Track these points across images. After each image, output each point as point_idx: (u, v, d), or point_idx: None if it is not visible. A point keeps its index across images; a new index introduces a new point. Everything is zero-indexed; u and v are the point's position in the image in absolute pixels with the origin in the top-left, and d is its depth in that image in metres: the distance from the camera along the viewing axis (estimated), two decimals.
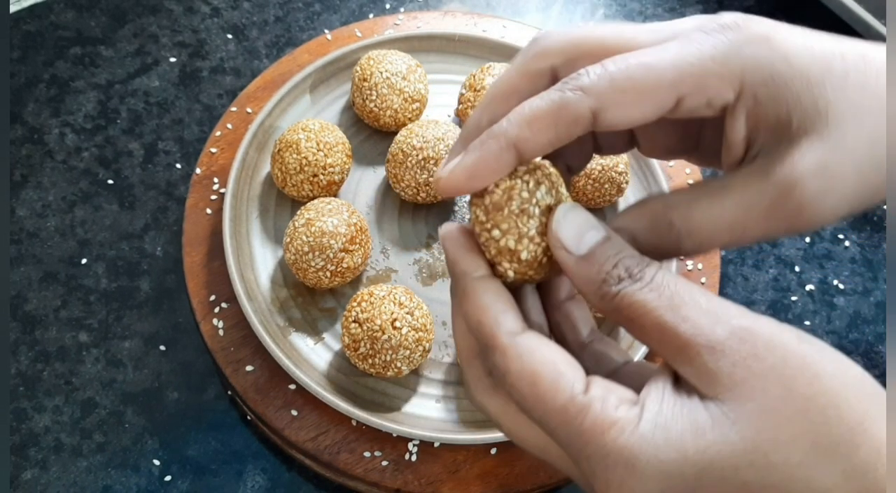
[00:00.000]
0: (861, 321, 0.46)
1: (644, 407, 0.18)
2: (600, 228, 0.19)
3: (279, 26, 0.55)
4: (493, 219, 0.20)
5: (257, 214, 0.44)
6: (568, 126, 0.19)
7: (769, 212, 0.19)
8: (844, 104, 0.19)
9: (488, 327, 0.19)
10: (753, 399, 0.17)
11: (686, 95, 0.19)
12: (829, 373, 0.17)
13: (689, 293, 0.18)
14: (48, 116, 0.49)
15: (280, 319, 0.41)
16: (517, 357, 0.19)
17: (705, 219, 0.19)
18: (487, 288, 0.20)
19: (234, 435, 0.40)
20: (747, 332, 0.17)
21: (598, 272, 0.19)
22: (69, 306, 0.43)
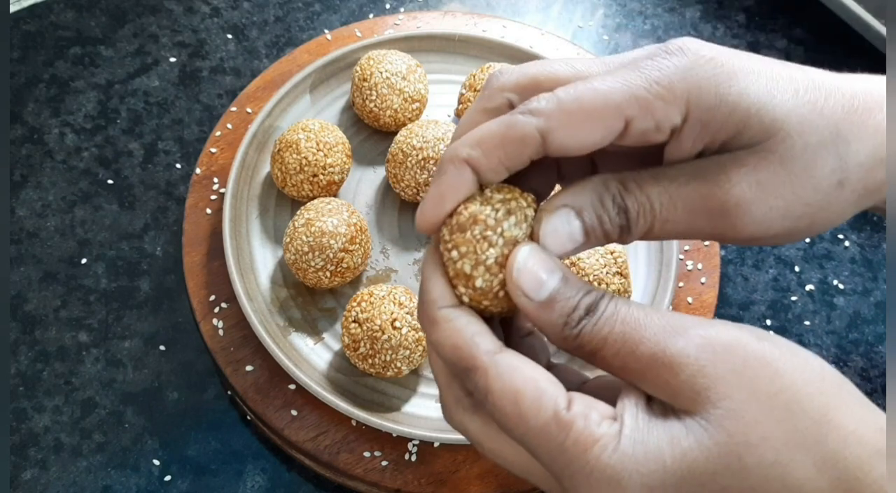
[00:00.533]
0: (861, 321, 0.46)
1: (623, 422, 0.18)
2: (558, 271, 0.19)
3: (279, 26, 0.55)
4: (453, 239, 0.20)
5: (257, 214, 0.44)
6: (516, 146, 0.20)
7: (694, 207, 0.20)
8: (792, 122, 0.20)
9: (466, 349, 0.19)
10: (720, 405, 0.17)
11: (633, 118, 0.19)
12: (789, 369, 0.18)
13: (644, 316, 0.18)
14: (48, 116, 0.49)
15: (280, 319, 0.41)
16: (498, 376, 0.19)
17: (639, 200, 0.20)
18: (459, 314, 0.20)
19: (233, 435, 0.40)
20: (703, 339, 0.18)
21: (559, 316, 0.19)
22: (69, 306, 0.43)
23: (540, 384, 0.18)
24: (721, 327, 0.18)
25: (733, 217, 0.20)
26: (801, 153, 0.20)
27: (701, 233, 0.20)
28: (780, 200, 0.20)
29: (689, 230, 0.20)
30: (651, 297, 0.43)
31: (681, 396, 0.18)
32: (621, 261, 0.40)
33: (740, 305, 0.46)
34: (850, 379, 0.46)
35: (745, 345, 0.18)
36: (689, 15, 0.58)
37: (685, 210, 0.20)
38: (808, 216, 0.20)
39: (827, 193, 0.20)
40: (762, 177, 0.20)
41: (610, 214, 0.20)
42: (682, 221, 0.20)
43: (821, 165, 0.20)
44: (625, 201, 0.20)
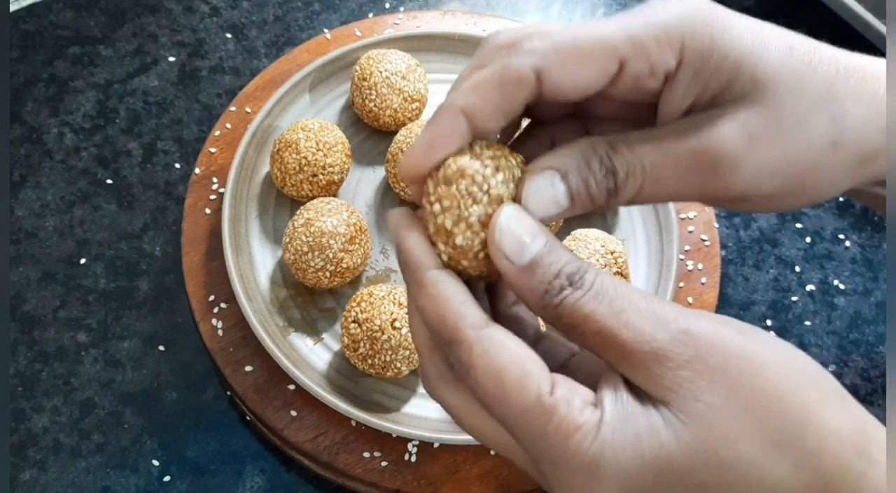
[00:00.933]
0: (861, 321, 0.46)
1: (603, 410, 0.18)
2: (542, 235, 0.19)
3: (278, 26, 0.54)
4: (437, 192, 0.19)
5: (256, 213, 0.44)
6: (512, 89, 0.19)
7: (684, 164, 0.19)
8: (783, 78, 0.19)
9: (451, 320, 0.19)
10: (701, 399, 0.17)
11: (628, 59, 0.19)
12: (772, 365, 0.18)
13: (628, 298, 0.18)
14: (47, 116, 0.49)
15: (279, 319, 0.41)
16: (483, 353, 0.18)
17: (627, 160, 0.19)
18: (446, 279, 0.19)
19: (233, 436, 0.40)
20: (688, 335, 0.18)
21: (539, 283, 0.18)
22: (68, 307, 0.43)
23: (525, 365, 0.18)
24: (705, 320, 0.18)
25: (725, 172, 0.19)
26: (793, 108, 0.19)
27: (691, 192, 0.20)
28: (771, 153, 0.19)
29: (680, 190, 0.20)
30: None
31: (661, 386, 0.18)
32: (622, 261, 0.40)
33: (741, 305, 0.46)
34: (851, 379, 0.46)
35: (728, 340, 0.18)
36: None
37: (676, 168, 0.19)
38: (801, 175, 0.20)
39: (820, 153, 0.20)
40: (753, 130, 0.19)
41: (597, 177, 0.19)
42: (673, 180, 0.20)
43: (814, 122, 0.20)
44: (613, 162, 0.19)
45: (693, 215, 0.46)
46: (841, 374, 0.44)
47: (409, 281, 0.20)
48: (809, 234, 0.49)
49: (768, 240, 0.49)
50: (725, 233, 0.48)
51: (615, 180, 0.19)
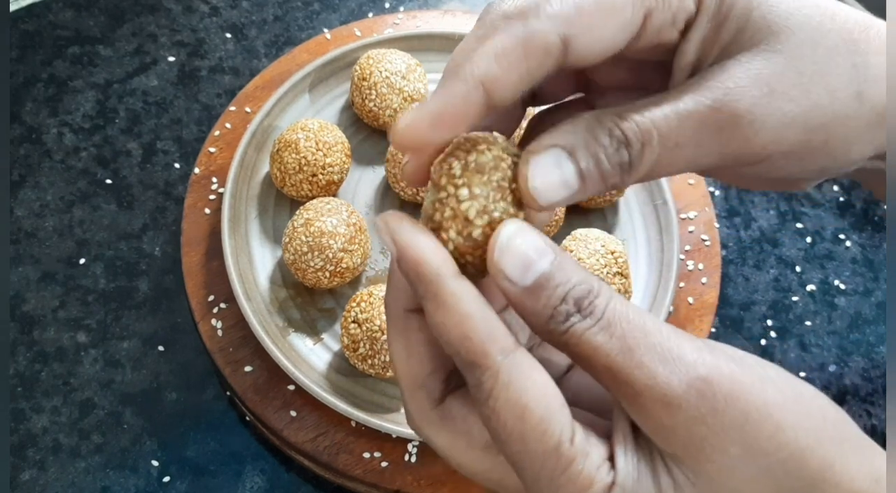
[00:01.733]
0: (862, 322, 0.46)
1: (616, 471, 0.17)
2: (549, 252, 0.17)
3: (278, 25, 0.54)
4: (467, 177, 0.17)
5: (256, 213, 0.44)
6: (539, 58, 0.17)
7: (702, 122, 0.18)
8: (799, 23, 0.18)
9: (478, 342, 0.17)
10: (714, 459, 0.16)
11: (652, 10, 0.18)
12: (791, 421, 0.16)
13: (642, 331, 0.16)
14: (46, 116, 0.49)
15: (279, 319, 0.41)
16: (508, 384, 0.16)
17: (640, 127, 0.18)
18: (469, 291, 0.17)
19: (232, 436, 0.40)
20: (706, 384, 0.16)
21: (544, 307, 0.17)
22: (67, 307, 0.43)
23: (550, 405, 0.17)
24: (724, 365, 0.17)
25: (745, 127, 0.18)
26: (812, 55, 0.18)
27: (710, 155, 0.18)
28: (792, 104, 0.18)
29: (699, 155, 0.18)
30: (652, 297, 0.42)
31: (673, 439, 0.16)
32: (622, 261, 0.40)
33: (741, 305, 0.46)
34: (851, 380, 0.46)
35: (748, 392, 0.16)
36: None
37: (694, 129, 0.18)
38: (824, 129, 0.18)
39: (844, 104, 0.18)
40: (771, 78, 0.18)
41: (608, 151, 0.17)
42: (692, 143, 0.18)
43: (836, 70, 0.18)
44: (624, 132, 0.17)
45: (693, 215, 0.46)
46: (841, 374, 0.44)
47: (424, 294, 0.17)
48: (810, 234, 0.49)
49: (769, 240, 0.49)
50: (726, 233, 0.48)
51: (629, 153, 0.18)
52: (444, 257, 0.17)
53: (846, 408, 0.43)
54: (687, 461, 0.16)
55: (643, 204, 0.46)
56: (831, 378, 0.44)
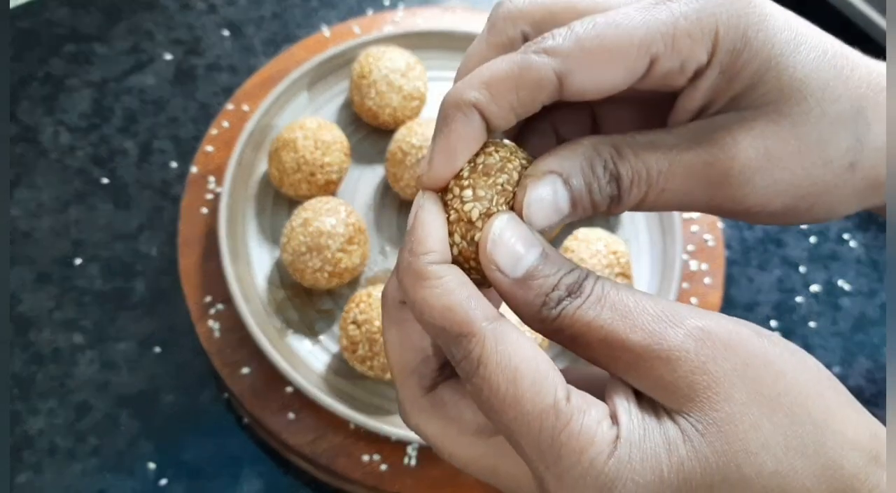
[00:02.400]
0: (866, 323, 0.45)
1: (620, 425, 0.17)
2: (538, 245, 0.17)
3: (276, 23, 0.54)
4: (474, 179, 0.18)
5: (254, 213, 0.44)
6: (531, 90, 0.18)
7: (694, 173, 0.18)
8: (813, 85, 0.18)
9: (461, 312, 0.17)
10: (719, 408, 0.16)
11: (659, 57, 0.18)
12: (791, 370, 0.17)
13: (634, 299, 0.17)
14: (42, 115, 0.49)
15: (277, 320, 0.40)
16: (497, 348, 0.17)
17: (633, 167, 0.18)
18: (453, 271, 0.18)
19: (230, 438, 0.39)
20: (703, 332, 0.16)
21: (536, 295, 0.17)
22: (63, 308, 0.43)
23: (541, 366, 0.17)
24: (720, 319, 0.17)
25: (735, 187, 0.18)
26: (816, 124, 0.18)
27: (695, 204, 0.19)
28: (786, 172, 0.18)
29: (684, 201, 0.19)
30: None
31: (677, 394, 0.16)
32: (624, 261, 0.40)
33: (745, 306, 0.45)
34: (856, 381, 0.45)
35: (746, 341, 0.16)
36: None
37: (684, 178, 0.18)
38: (812, 197, 0.19)
39: (836, 175, 0.19)
40: (771, 144, 0.18)
41: (600, 183, 0.18)
42: (680, 189, 0.18)
43: (837, 142, 0.18)
44: (618, 168, 0.18)
45: (697, 215, 0.46)
46: (846, 376, 0.43)
47: (405, 272, 0.18)
48: (814, 234, 0.48)
49: (773, 240, 0.48)
50: (729, 233, 0.48)
51: (619, 187, 0.18)
52: (437, 242, 0.18)
53: None
54: (693, 412, 0.16)
55: None
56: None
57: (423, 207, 0.18)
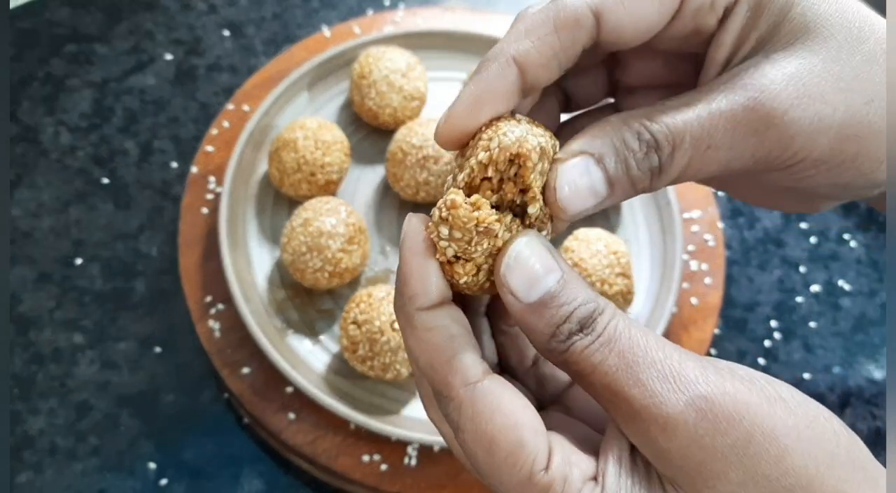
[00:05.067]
0: (867, 323, 0.45)
1: (604, 486, 0.16)
2: (556, 270, 0.17)
3: (276, 23, 0.54)
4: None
5: (254, 213, 0.44)
6: (570, 30, 0.17)
7: (736, 123, 0.17)
8: (838, 26, 0.18)
9: (441, 372, 0.17)
10: (711, 485, 0.15)
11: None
12: (801, 445, 0.15)
13: (644, 349, 0.16)
14: (42, 115, 0.49)
15: (277, 320, 0.40)
16: (473, 416, 0.16)
17: (671, 129, 0.17)
18: (440, 320, 0.17)
19: (230, 438, 0.39)
20: (707, 403, 0.15)
21: (547, 325, 0.16)
22: (63, 307, 0.43)
23: (519, 434, 0.16)
24: (729, 383, 0.16)
25: (780, 128, 0.17)
26: (849, 59, 0.18)
27: (744, 158, 0.17)
28: (828, 108, 0.17)
29: (731, 157, 0.17)
30: (655, 298, 0.42)
31: (671, 462, 0.16)
32: (624, 261, 0.40)
33: (745, 306, 0.45)
34: (856, 381, 0.45)
35: (754, 413, 0.15)
36: None
37: (727, 129, 0.17)
38: (858, 140, 0.18)
39: (879, 116, 0.18)
40: (808, 80, 0.17)
41: (637, 156, 0.17)
42: (725, 143, 0.17)
43: (873, 78, 0.18)
44: (654, 135, 0.17)
45: (697, 215, 0.46)
46: (846, 376, 0.43)
47: (399, 315, 0.18)
48: (814, 234, 0.48)
49: (773, 240, 0.48)
50: (730, 233, 0.48)
51: (659, 156, 0.17)
52: (423, 286, 0.17)
53: (850, 410, 0.42)
54: (685, 485, 0.16)
55: (646, 204, 0.45)
56: (835, 380, 0.43)
57: (407, 245, 0.17)
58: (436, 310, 0.17)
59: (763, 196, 0.22)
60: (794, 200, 0.21)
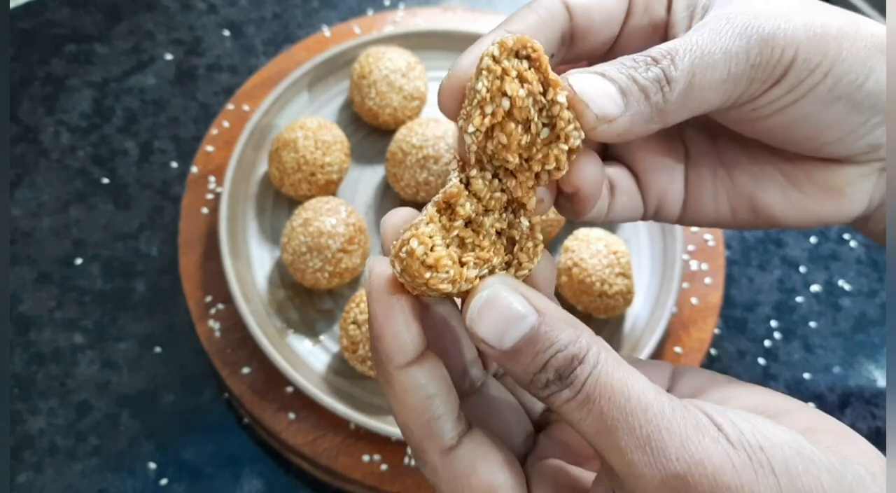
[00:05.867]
0: (867, 323, 0.45)
1: None
2: (529, 315, 0.16)
3: (276, 23, 0.54)
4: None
5: (254, 213, 0.44)
6: (548, 21, 0.19)
7: (720, 30, 0.18)
8: None
9: (417, 436, 0.17)
10: None
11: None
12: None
13: (624, 412, 0.15)
14: (43, 115, 0.49)
15: (277, 320, 0.40)
16: (449, 481, 0.16)
17: (663, 48, 0.18)
18: (417, 381, 0.16)
19: (230, 438, 0.39)
20: (681, 482, 0.14)
21: (524, 372, 0.16)
22: (64, 307, 0.43)
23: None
24: (714, 458, 0.15)
25: (763, 30, 0.18)
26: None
27: (740, 63, 0.18)
28: (803, 15, 0.19)
29: (731, 63, 0.18)
30: (655, 298, 0.42)
31: None
32: (624, 261, 0.40)
33: (745, 306, 0.45)
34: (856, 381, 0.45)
35: (729, 485, 0.15)
36: None
37: (714, 34, 0.18)
38: (837, 42, 0.19)
39: (845, 27, 0.19)
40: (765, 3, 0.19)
41: (638, 69, 0.18)
42: (718, 47, 0.18)
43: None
44: (648, 53, 0.18)
45: None
46: (846, 376, 0.43)
47: (377, 369, 0.17)
48: (814, 234, 0.48)
49: (773, 240, 0.48)
50: (730, 233, 0.48)
51: (661, 68, 0.18)
52: (397, 343, 0.16)
53: (850, 410, 0.42)
54: None
55: None
56: (836, 380, 0.43)
57: (374, 297, 0.17)
58: (412, 368, 0.17)
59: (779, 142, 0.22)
60: (806, 148, 0.21)
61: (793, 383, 0.43)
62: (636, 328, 0.41)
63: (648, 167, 0.22)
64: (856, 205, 0.21)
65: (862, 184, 0.21)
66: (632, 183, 0.22)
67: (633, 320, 0.41)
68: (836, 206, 0.21)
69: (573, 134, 0.17)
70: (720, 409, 0.16)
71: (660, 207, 0.23)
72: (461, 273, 0.17)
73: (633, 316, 0.42)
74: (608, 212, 0.22)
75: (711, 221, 0.23)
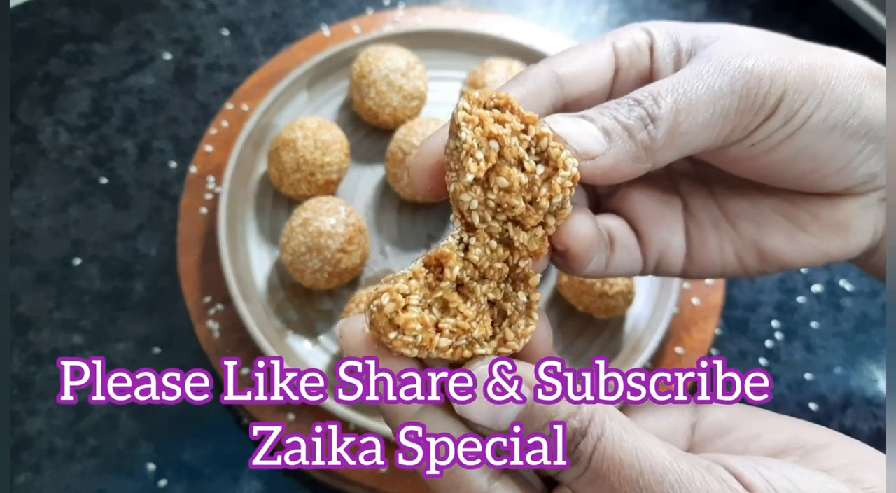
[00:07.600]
0: (868, 323, 0.45)
1: None
2: (519, 397, 0.15)
3: (276, 22, 0.54)
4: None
5: (253, 213, 0.44)
6: (541, 88, 0.20)
7: (702, 71, 0.19)
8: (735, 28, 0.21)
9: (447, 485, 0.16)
10: None
11: (619, 54, 0.21)
12: None
13: (637, 485, 0.14)
14: (41, 115, 0.49)
15: (277, 321, 0.40)
16: None
17: (645, 90, 0.19)
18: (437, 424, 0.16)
19: (230, 438, 0.39)
20: None
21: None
22: (62, 308, 0.42)
23: None
24: None
25: (746, 68, 0.19)
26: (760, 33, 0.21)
27: (724, 94, 0.19)
28: (777, 51, 0.20)
29: (717, 98, 0.19)
30: (655, 298, 0.42)
31: None
32: None
33: (746, 306, 0.45)
34: (857, 382, 0.45)
35: None
36: (695, 11, 0.57)
37: (698, 75, 0.19)
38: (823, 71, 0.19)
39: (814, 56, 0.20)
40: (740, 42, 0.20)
41: (621, 110, 0.18)
42: (702, 84, 0.18)
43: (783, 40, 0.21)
44: (631, 96, 0.19)
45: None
46: (847, 376, 0.43)
47: (388, 422, 0.17)
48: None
49: None
50: None
51: (644, 108, 0.18)
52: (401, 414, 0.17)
53: (852, 411, 0.42)
54: None
55: None
56: (837, 380, 0.43)
57: (351, 346, 0.17)
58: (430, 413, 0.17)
59: (762, 221, 0.22)
60: (789, 220, 0.22)
61: (794, 383, 0.43)
62: (637, 329, 0.41)
63: (646, 220, 0.22)
64: (861, 238, 0.21)
65: (865, 216, 0.21)
66: (631, 237, 0.22)
67: (634, 320, 0.41)
68: (842, 242, 0.21)
69: (570, 162, 0.17)
70: (750, 464, 0.15)
71: (661, 261, 0.22)
72: (432, 340, 0.16)
73: (634, 316, 0.41)
74: (607, 266, 0.21)
75: (718, 271, 0.22)
